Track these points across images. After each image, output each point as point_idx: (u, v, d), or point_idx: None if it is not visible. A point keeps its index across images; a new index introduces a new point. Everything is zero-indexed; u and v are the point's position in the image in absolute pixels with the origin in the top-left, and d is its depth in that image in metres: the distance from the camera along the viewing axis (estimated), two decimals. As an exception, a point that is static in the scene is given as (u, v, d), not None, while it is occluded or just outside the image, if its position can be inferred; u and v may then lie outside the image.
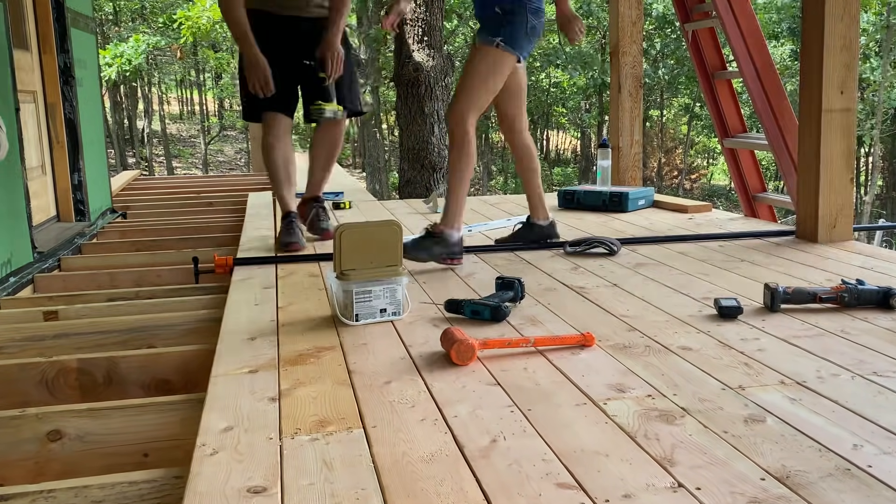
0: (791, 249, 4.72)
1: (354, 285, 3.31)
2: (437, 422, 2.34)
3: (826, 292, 3.44)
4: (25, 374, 3.08)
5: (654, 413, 2.35)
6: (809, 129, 4.83)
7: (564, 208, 6.61)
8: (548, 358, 2.87)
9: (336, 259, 3.36)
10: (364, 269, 3.36)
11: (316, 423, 2.34)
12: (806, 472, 1.95)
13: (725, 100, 7.49)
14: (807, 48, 4.81)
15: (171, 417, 2.63)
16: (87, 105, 7.06)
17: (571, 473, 1.98)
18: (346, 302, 3.33)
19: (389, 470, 2.02)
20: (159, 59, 28.51)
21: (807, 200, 4.93)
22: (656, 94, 27.49)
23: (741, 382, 2.59)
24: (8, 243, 4.69)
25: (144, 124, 30.69)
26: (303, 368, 2.82)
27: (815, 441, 2.14)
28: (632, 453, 2.09)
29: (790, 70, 21.03)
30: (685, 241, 5.07)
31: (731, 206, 22.89)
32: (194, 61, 30.15)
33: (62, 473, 2.56)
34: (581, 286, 3.93)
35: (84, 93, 6.95)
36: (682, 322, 3.30)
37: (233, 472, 2.03)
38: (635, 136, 7.36)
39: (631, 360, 2.83)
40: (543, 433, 2.23)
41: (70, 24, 6.59)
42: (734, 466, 2.00)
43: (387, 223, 3.46)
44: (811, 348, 2.92)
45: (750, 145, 7.30)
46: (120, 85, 27.25)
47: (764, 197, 7.30)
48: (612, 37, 7.45)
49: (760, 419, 2.29)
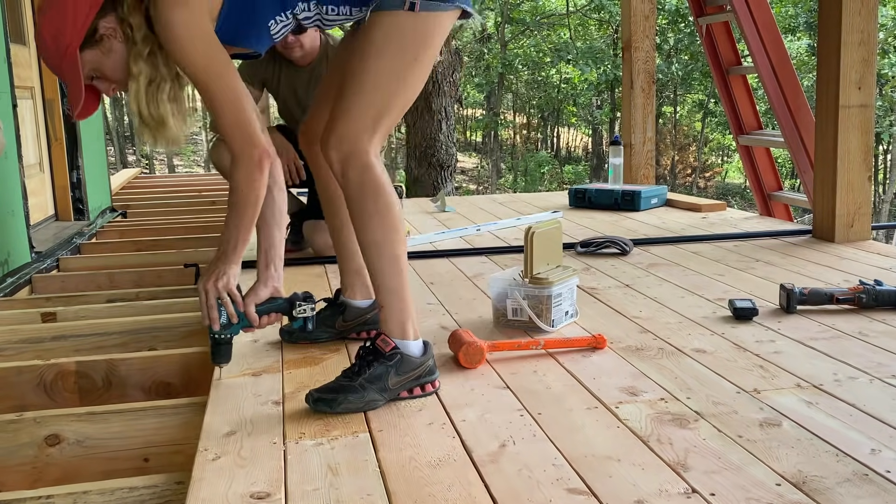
0: (807, 249, 4.72)
1: (553, 289, 3.23)
2: (445, 426, 2.34)
3: (843, 293, 3.44)
4: (23, 377, 3.08)
5: (667, 417, 2.35)
6: (826, 126, 4.82)
7: (575, 207, 6.61)
8: (558, 360, 2.88)
9: (528, 263, 3.26)
10: (545, 271, 3.31)
11: (321, 427, 2.34)
12: (823, 478, 1.95)
13: (740, 96, 7.48)
14: (824, 43, 4.81)
15: (172, 421, 2.63)
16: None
17: (582, 479, 1.98)
18: (542, 308, 3.23)
19: (396, 475, 2.03)
20: (160, 54, 28.52)
21: (824, 199, 4.92)
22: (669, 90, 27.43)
23: (756, 385, 2.58)
24: (5, 243, 4.69)
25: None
26: (307, 371, 2.82)
27: (831, 446, 2.14)
28: (644, 458, 2.09)
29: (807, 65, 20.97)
30: (699, 240, 5.06)
31: (746, 205, 22.86)
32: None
33: (60, 479, 2.56)
34: (592, 287, 3.93)
35: (83, 89, 6.94)
36: (695, 324, 3.30)
37: (235, 478, 2.03)
38: (648, 134, 7.36)
39: (643, 363, 2.83)
40: (554, 437, 2.23)
41: (69, 19, 6.58)
42: (749, 472, 2.00)
43: (555, 221, 3.44)
44: (828, 350, 2.92)
45: (765, 142, 7.29)
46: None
47: (780, 195, 7.29)
48: (625, 31, 7.45)
49: (776, 423, 2.29)
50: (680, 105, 29.83)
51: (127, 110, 23.11)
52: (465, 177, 28.83)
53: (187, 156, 30.45)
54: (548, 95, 28.60)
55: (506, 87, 28.41)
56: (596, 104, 29.23)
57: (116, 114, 28.28)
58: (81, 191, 6.75)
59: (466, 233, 5.51)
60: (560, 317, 3.27)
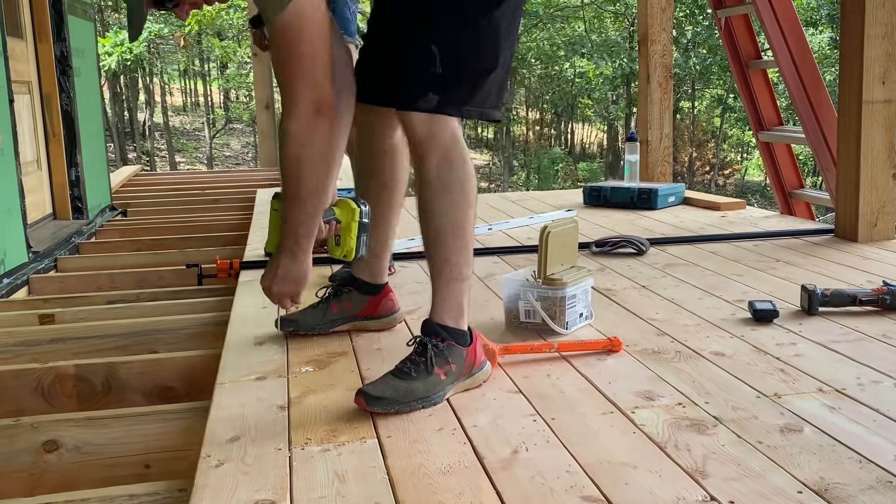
0: (829, 249, 4.71)
1: (567, 290, 3.22)
2: (456, 431, 2.34)
3: (866, 294, 3.43)
4: (20, 381, 3.09)
5: (684, 422, 2.35)
6: (849, 122, 4.81)
7: (590, 205, 6.60)
8: (572, 364, 2.87)
9: (541, 264, 3.24)
10: (559, 272, 3.30)
11: (327, 432, 2.35)
12: (845, 485, 1.95)
13: (760, 91, 7.47)
14: (846, 36, 4.80)
15: (174, 427, 2.64)
16: (86, 96, 7.08)
17: (597, 486, 1.98)
18: (555, 309, 3.22)
19: (405, 482, 2.03)
20: (162, 48, 28.58)
21: (846, 197, 4.91)
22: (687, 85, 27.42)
23: (777, 390, 2.58)
24: (1, 242, 4.70)
25: (146, 117, 30.76)
26: (313, 375, 2.82)
27: (854, 452, 2.14)
28: (661, 465, 2.09)
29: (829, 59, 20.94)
30: (718, 240, 5.06)
31: (767, 203, 22.81)
32: (198, 50, 30.22)
33: (59, 486, 2.56)
34: (608, 288, 3.93)
35: (82, 83, 6.98)
36: (714, 326, 3.29)
37: (239, 485, 2.03)
38: (665, 130, 7.35)
39: (660, 366, 2.82)
40: (568, 443, 2.23)
41: (67, 11, 6.61)
42: (770, 479, 1.99)
43: (571, 221, 3.44)
44: (851, 354, 2.91)
45: (786, 139, 7.28)
46: (120, 75, 27.33)
47: (801, 193, 7.28)
48: (641, 24, 7.44)
49: (797, 429, 2.29)
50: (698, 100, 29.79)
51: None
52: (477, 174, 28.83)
53: (189, 152, 30.49)
54: (562, 90, 28.58)
55: (518, 81, 28.40)
56: (611, 99, 29.22)
57: (116, 109, 28.34)
58: (80, 189, 6.76)
59: (477, 232, 5.49)
60: (574, 319, 3.27)
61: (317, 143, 2.53)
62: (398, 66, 2.66)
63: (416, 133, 2.61)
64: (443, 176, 2.61)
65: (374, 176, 3.14)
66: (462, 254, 2.67)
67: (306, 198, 2.60)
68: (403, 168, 3.14)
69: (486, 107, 2.66)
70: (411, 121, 2.61)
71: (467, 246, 2.68)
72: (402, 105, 2.62)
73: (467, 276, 2.68)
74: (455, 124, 2.64)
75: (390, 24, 2.80)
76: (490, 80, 2.61)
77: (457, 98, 2.60)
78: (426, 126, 2.59)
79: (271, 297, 2.79)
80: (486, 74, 2.62)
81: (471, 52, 2.60)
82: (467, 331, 2.69)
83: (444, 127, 2.60)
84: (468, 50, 2.59)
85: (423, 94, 2.56)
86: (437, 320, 2.65)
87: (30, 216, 5.57)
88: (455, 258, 2.65)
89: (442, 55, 2.56)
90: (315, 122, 2.50)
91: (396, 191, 3.17)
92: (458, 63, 2.59)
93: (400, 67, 2.65)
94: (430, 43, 2.57)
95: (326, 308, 3.25)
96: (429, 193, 2.65)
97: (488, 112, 2.69)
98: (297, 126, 2.51)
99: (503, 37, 2.60)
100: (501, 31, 2.60)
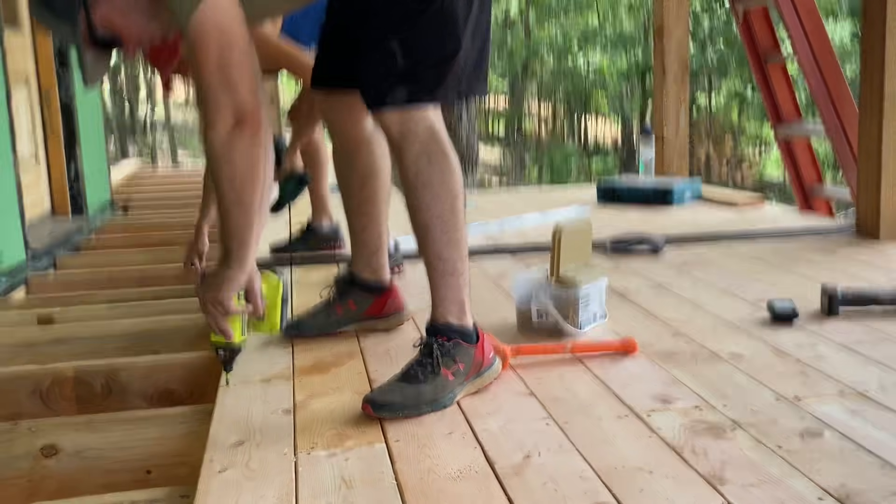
0: (850, 247, 4.70)
1: (580, 290, 3.21)
2: (466, 436, 2.34)
3: (889, 294, 3.43)
4: (18, 383, 3.08)
5: (701, 426, 2.35)
6: (870, 117, 4.80)
7: (604, 202, 6.59)
8: (586, 366, 2.87)
9: (554, 263, 3.24)
10: (572, 270, 3.28)
11: (334, 437, 2.35)
12: (867, 492, 1.95)
13: (779, 85, 7.45)
14: (868, 29, 4.79)
15: (177, 431, 2.63)
16: (85, 90, 7.07)
17: (612, 492, 1.98)
18: (569, 310, 3.21)
19: (414, 488, 2.03)
20: (161, 44, 28.59)
21: (867, 194, 4.90)
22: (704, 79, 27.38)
23: (797, 393, 2.58)
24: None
25: (147, 111, 30.79)
26: (320, 378, 2.82)
27: (877, 457, 2.13)
28: (678, 470, 2.09)
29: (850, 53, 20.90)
30: (735, 238, 5.05)
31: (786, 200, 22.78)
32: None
33: (58, 492, 2.56)
34: (623, 287, 3.92)
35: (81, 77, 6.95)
36: (732, 327, 3.29)
37: (244, 491, 2.04)
38: (681, 124, 7.34)
39: (677, 369, 2.82)
40: (581, 448, 2.23)
41: (67, 4, 6.59)
42: (789, 485, 1.99)
43: (584, 220, 3.42)
44: (873, 355, 2.90)
45: (806, 134, 7.27)
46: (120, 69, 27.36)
47: (821, 190, 7.27)
48: (657, 16, 7.44)
49: (818, 433, 2.29)
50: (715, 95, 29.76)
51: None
52: (488, 170, 28.82)
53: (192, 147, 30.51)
54: (575, 84, 28.56)
55: (530, 75, 28.38)
56: (626, 93, 29.19)
57: (116, 103, 28.38)
58: (79, 185, 6.77)
59: (488, 229, 5.51)
60: (588, 319, 3.26)
61: (235, 156, 2.39)
62: (362, 66, 2.66)
63: (392, 131, 2.62)
64: (422, 171, 2.61)
65: (354, 171, 3.19)
66: (454, 248, 2.67)
67: (230, 208, 2.50)
68: (382, 156, 3.19)
69: (462, 88, 2.68)
70: (385, 120, 2.62)
71: (459, 240, 2.68)
72: (372, 104, 2.64)
73: (463, 270, 2.69)
74: (432, 117, 2.64)
75: (346, 19, 2.85)
76: (457, 61, 2.61)
77: (427, 86, 2.61)
78: (400, 124, 2.60)
79: (202, 306, 2.67)
80: (451, 58, 2.61)
81: (429, 38, 2.60)
82: (473, 327, 2.69)
83: (419, 121, 2.61)
84: (425, 37, 2.60)
85: (391, 88, 2.58)
86: (440, 319, 2.65)
87: (28, 214, 5.56)
88: (447, 253, 2.66)
89: (401, 47, 2.58)
90: (233, 135, 2.38)
91: (380, 181, 3.21)
92: (418, 52, 2.59)
93: (364, 67, 2.65)
94: (387, 36, 2.59)
95: (331, 310, 3.26)
96: (410, 190, 2.65)
97: (465, 92, 2.71)
98: (215, 136, 2.39)
99: (460, 17, 2.59)
100: (458, 11, 2.59)
